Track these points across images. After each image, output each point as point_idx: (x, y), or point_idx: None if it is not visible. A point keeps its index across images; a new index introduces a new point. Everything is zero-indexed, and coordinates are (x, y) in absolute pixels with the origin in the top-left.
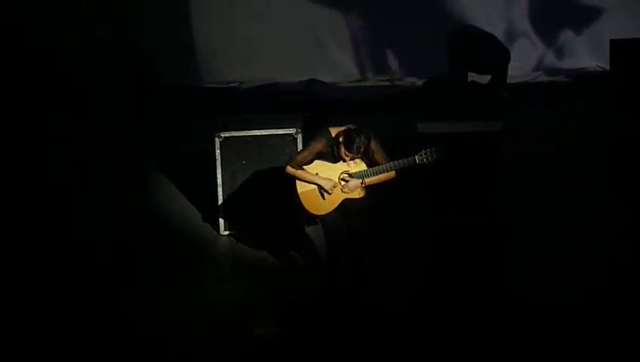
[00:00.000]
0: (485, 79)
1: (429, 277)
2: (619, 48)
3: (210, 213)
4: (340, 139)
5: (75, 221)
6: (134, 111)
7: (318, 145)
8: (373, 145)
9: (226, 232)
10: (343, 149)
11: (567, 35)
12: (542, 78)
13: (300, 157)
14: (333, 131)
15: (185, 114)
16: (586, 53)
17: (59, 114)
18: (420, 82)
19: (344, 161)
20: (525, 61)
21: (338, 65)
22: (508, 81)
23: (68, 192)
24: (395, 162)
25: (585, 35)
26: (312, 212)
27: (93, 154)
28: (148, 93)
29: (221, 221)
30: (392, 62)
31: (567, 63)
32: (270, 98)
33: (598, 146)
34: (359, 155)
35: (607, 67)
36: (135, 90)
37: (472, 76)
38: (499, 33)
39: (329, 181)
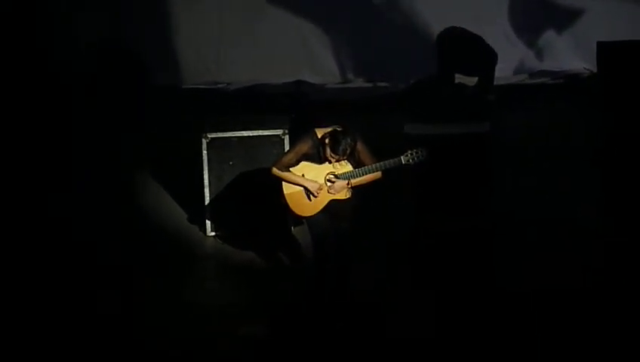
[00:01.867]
0: (472, 81)
1: (417, 278)
2: (606, 50)
3: (197, 213)
4: (326, 141)
5: (61, 222)
6: (120, 112)
7: (304, 147)
8: (360, 146)
9: (213, 233)
10: (328, 151)
11: (553, 37)
12: (528, 80)
13: (285, 159)
14: (319, 132)
15: (172, 114)
16: (573, 55)
17: (50, 114)
18: (407, 84)
19: (330, 162)
20: (511, 63)
21: (325, 66)
22: (495, 82)
23: (56, 193)
24: (381, 163)
25: (571, 37)
26: (299, 213)
27: (79, 155)
28: (134, 93)
29: (208, 222)
30: (379, 63)
31: (554, 65)
32: (257, 99)
33: (585, 148)
34: (345, 157)
35: (595, 69)
36: (121, 91)
37: (460, 78)
38: (484, 35)
39: (315, 183)
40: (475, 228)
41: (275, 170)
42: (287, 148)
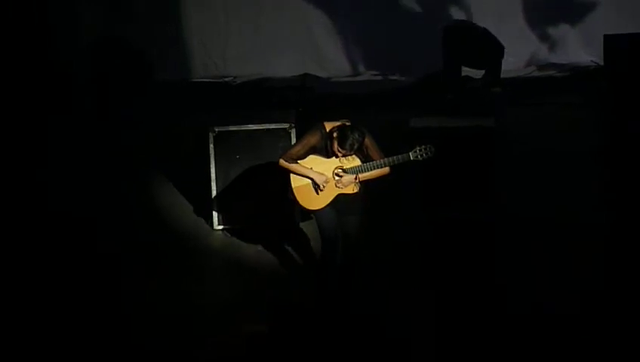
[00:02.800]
0: (479, 74)
1: (423, 272)
2: (613, 44)
3: (204, 207)
4: (334, 135)
5: (65, 218)
6: (128, 107)
7: (312, 140)
8: (368, 141)
9: (220, 227)
10: (336, 145)
11: (560, 30)
12: (535, 73)
13: (293, 151)
14: (328, 126)
15: (178, 108)
16: (580, 49)
17: (53, 111)
18: (413, 77)
19: (337, 157)
20: (518, 56)
21: (332, 60)
22: (501, 76)
23: (62, 188)
24: (390, 158)
25: (578, 30)
26: (306, 206)
27: (86, 150)
28: (142, 88)
29: (215, 216)
30: (386, 57)
31: (561, 58)
32: (264, 93)
33: (591, 142)
34: (352, 153)
35: (601, 62)
36: (129, 86)
37: (466, 71)
38: (492, 28)
39: (322, 175)
40: (478, 221)
41: (282, 162)
42: (293, 141)
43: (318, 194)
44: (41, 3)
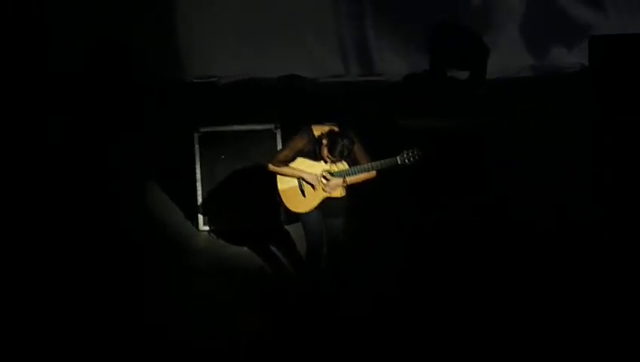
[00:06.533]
0: (464, 75)
1: (413, 275)
2: (598, 45)
3: (189, 208)
4: (324, 142)
5: (53, 220)
6: (110, 107)
7: (300, 144)
8: (356, 146)
9: (206, 228)
10: (326, 152)
11: (547, 31)
12: (521, 73)
13: (281, 155)
14: (316, 130)
15: (163, 109)
16: (566, 49)
17: (53, 111)
18: (400, 78)
19: (326, 162)
20: (505, 56)
21: (318, 60)
22: (488, 76)
23: (51, 190)
24: (377, 162)
25: (565, 30)
26: (293, 209)
27: (71, 151)
28: (126, 88)
29: (200, 217)
30: (373, 57)
31: (547, 59)
32: (249, 93)
33: (577, 142)
34: (342, 160)
35: (587, 63)
36: (110, 87)
37: (451, 71)
38: (479, 29)
39: (314, 175)
40: (469, 222)
41: (271, 167)
42: (279, 142)
43: (304, 197)
44: (40, 3)
